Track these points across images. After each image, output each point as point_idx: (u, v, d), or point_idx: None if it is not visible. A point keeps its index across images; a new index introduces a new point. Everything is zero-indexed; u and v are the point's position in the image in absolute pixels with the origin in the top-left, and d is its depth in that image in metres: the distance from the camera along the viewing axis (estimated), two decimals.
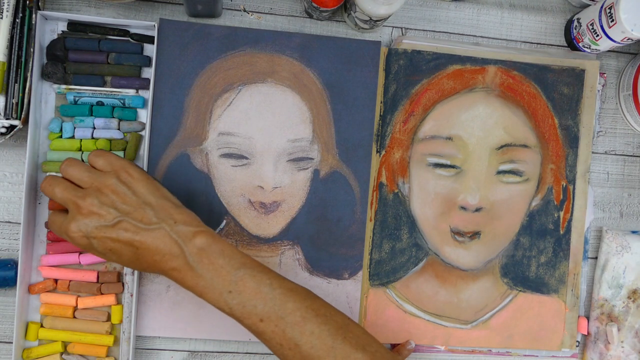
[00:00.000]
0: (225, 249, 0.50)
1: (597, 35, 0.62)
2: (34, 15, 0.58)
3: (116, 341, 0.61)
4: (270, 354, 0.64)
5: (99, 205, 0.49)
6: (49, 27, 0.60)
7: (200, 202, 0.62)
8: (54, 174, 0.59)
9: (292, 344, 0.48)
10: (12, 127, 0.58)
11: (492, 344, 0.66)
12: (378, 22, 0.61)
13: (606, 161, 0.69)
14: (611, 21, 0.60)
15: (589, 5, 0.66)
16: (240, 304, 0.48)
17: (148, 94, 0.61)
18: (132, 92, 0.61)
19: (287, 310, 0.48)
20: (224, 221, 0.62)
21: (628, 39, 0.61)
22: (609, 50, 0.68)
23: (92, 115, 0.60)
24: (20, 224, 0.60)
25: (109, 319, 0.61)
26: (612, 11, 0.59)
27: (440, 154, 0.65)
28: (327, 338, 0.48)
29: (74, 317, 0.60)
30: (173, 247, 0.49)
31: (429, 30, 0.66)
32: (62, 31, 0.60)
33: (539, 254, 0.66)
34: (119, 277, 0.61)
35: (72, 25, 0.60)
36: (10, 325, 0.61)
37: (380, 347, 0.50)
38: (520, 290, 0.66)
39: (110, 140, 0.61)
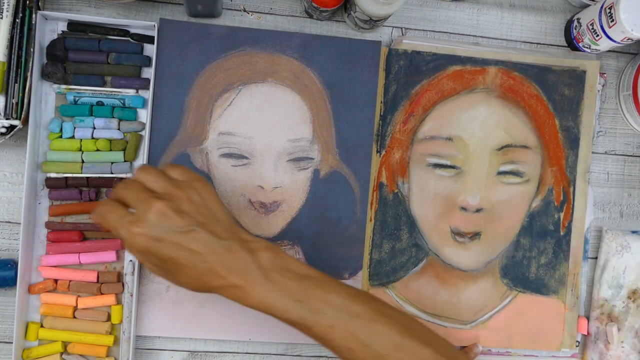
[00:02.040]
0: (290, 262, 0.50)
1: (597, 35, 0.62)
2: (34, 15, 0.58)
3: (116, 341, 0.61)
4: (270, 354, 0.64)
5: (175, 210, 0.47)
6: (49, 27, 0.60)
7: None
8: (54, 175, 0.59)
9: (362, 345, 0.48)
10: (12, 127, 0.58)
11: (491, 344, 0.66)
12: (378, 22, 0.61)
13: (606, 161, 0.69)
14: (611, 21, 0.60)
15: (589, 5, 0.66)
16: (310, 312, 0.48)
17: (148, 94, 0.61)
18: (132, 92, 0.61)
19: (355, 313, 0.49)
20: None
21: (628, 39, 0.61)
22: (609, 50, 0.68)
23: (92, 115, 0.60)
24: (20, 224, 0.60)
25: (109, 319, 0.61)
26: (612, 11, 0.59)
27: (440, 155, 0.65)
28: (395, 336, 0.48)
29: (74, 317, 0.60)
30: (242, 262, 0.48)
31: (429, 30, 0.66)
32: (62, 31, 0.60)
33: (539, 255, 0.66)
34: (119, 277, 0.61)
35: (72, 25, 0.60)
36: (10, 325, 0.61)
37: (445, 342, 0.51)
38: (519, 291, 0.66)
39: (110, 140, 0.61)
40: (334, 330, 0.48)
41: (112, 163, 0.60)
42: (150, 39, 0.61)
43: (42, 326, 0.60)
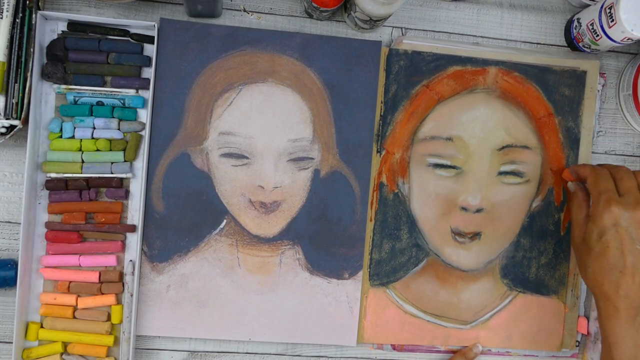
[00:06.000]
0: None
1: (597, 35, 0.62)
2: (34, 15, 0.58)
3: (116, 341, 0.61)
4: (270, 354, 0.64)
5: None
6: (49, 27, 0.60)
7: (200, 201, 0.62)
8: (54, 175, 0.59)
9: None
10: (12, 127, 0.58)
11: (491, 344, 0.66)
12: (378, 22, 0.61)
13: (606, 161, 0.69)
14: (611, 21, 0.60)
15: (589, 5, 0.66)
16: None
17: (148, 94, 0.61)
18: (132, 92, 0.61)
19: None
20: (224, 221, 0.62)
21: (628, 39, 0.61)
22: (609, 50, 0.68)
23: (92, 115, 0.60)
24: (20, 224, 0.60)
25: (109, 319, 0.61)
26: (612, 11, 0.59)
27: (440, 155, 0.65)
28: None
29: (74, 317, 0.60)
30: (637, 301, 0.54)
31: (429, 30, 0.66)
32: (62, 31, 0.60)
33: (539, 255, 0.66)
34: (121, 277, 0.61)
35: (72, 25, 0.60)
36: (10, 325, 0.61)
37: None
38: (519, 291, 0.66)
39: (110, 140, 0.61)
40: None
41: (112, 163, 0.60)
42: (150, 39, 0.61)
43: (42, 326, 0.60)
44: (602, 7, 0.61)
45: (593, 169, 0.58)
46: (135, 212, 0.62)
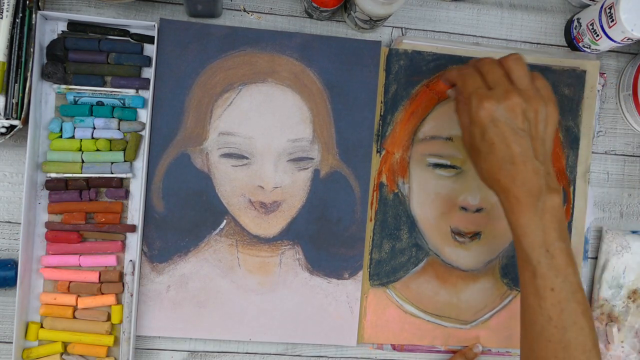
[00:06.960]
0: (563, 220, 0.53)
1: (597, 35, 0.62)
2: (34, 15, 0.58)
3: (116, 341, 0.61)
4: (270, 354, 0.64)
5: (522, 112, 0.52)
6: (49, 27, 0.60)
7: (200, 201, 0.62)
8: (54, 175, 0.59)
9: (560, 326, 0.52)
10: (12, 127, 0.58)
11: (491, 343, 0.66)
12: (378, 22, 0.61)
13: (606, 161, 0.69)
14: (611, 21, 0.60)
15: (589, 5, 0.66)
16: (549, 266, 0.52)
17: (148, 94, 0.61)
18: (132, 92, 0.61)
19: (577, 299, 0.52)
20: (224, 221, 0.62)
21: (628, 39, 0.61)
22: (609, 50, 0.68)
23: (92, 115, 0.60)
24: (20, 224, 0.60)
25: (109, 319, 0.61)
26: (612, 11, 0.59)
27: (440, 154, 0.65)
28: (588, 338, 0.52)
29: (74, 317, 0.60)
30: (536, 187, 0.52)
31: (429, 30, 0.66)
32: (62, 31, 0.60)
33: None
34: (120, 277, 0.61)
35: (72, 25, 0.60)
36: (10, 325, 0.61)
37: None
38: (519, 291, 0.66)
39: (110, 140, 0.61)
40: (551, 294, 0.52)
41: (112, 163, 0.60)
42: (150, 39, 0.61)
43: (42, 326, 0.60)
44: (602, 7, 0.61)
45: (459, 71, 0.57)
46: (135, 212, 0.62)
